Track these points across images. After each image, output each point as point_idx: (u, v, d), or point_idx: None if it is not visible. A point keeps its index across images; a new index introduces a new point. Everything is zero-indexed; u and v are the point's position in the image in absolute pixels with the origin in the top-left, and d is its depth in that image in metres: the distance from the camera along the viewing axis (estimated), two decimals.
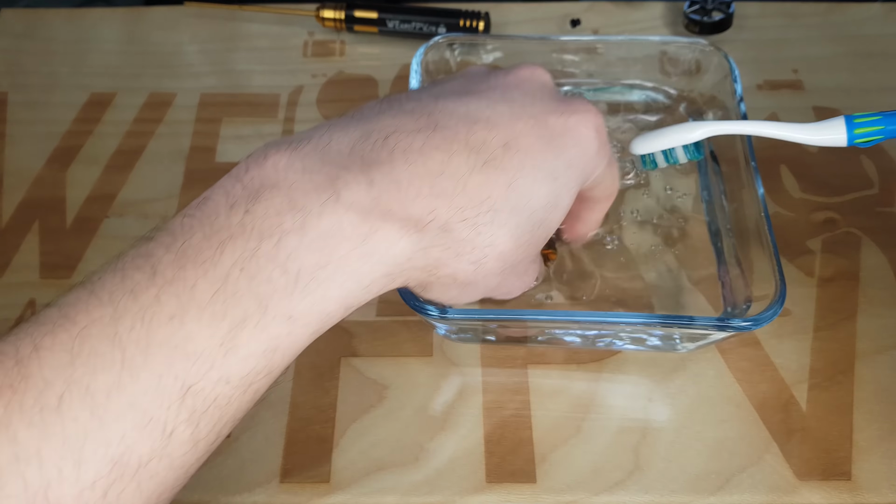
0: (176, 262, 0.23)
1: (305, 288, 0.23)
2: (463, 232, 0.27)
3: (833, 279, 0.41)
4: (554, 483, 0.34)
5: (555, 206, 0.29)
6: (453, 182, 0.26)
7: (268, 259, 0.23)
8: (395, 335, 0.39)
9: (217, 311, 0.22)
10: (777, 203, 0.44)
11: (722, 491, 0.34)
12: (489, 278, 0.29)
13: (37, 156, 0.48)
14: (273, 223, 0.23)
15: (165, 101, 0.51)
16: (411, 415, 0.37)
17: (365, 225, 0.24)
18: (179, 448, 0.23)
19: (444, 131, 0.27)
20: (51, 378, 0.21)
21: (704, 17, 0.52)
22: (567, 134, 0.29)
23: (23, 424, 0.21)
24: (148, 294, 0.22)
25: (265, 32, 0.55)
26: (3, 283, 0.42)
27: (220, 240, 0.23)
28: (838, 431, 0.36)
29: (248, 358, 0.23)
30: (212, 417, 0.23)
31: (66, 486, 0.21)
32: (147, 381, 0.22)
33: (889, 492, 0.34)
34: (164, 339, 0.22)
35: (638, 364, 0.38)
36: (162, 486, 0.23)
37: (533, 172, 0.28)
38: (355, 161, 0.25)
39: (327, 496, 0.34)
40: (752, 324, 0.33)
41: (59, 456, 0.21)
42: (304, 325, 0.24)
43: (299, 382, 0.38)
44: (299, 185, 0.24)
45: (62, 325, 0.22)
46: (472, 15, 0.52)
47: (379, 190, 0.25)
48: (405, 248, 0.25)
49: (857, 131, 0.32)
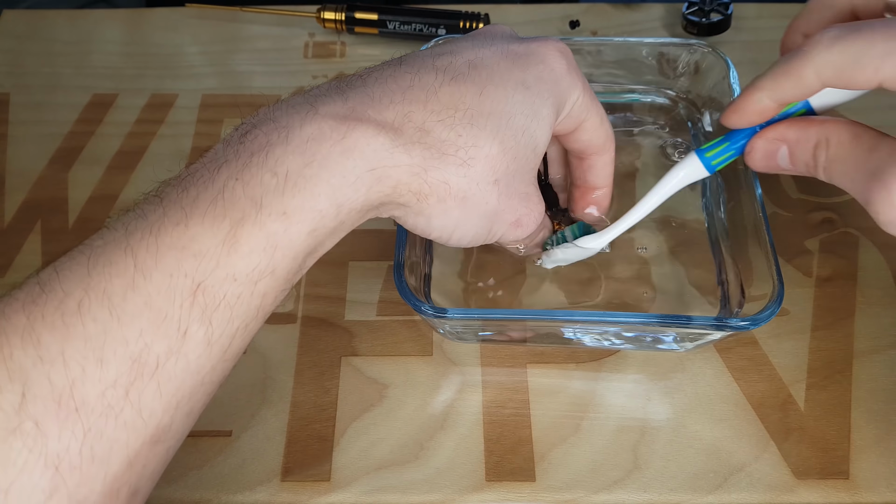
0: (179, 187, 0.25)
1: (294, 186, 0.25)
2: (442, 133, 0.28)
3: (831, 279, 0.41)
4: (553, 482, 0.35)
5: (534, 115, 0.30)
6: (424, 92, 0.29)
7: (258, 167, 0.25)
8: (395, 335, 0.39)
9: (217, 214, 0.24)
10: (775, 203, 0.44)
11: (720, 490, 0.34)
12: (485, 189, 0.29)
13: (39, 156, 0.48)
14: (262, 142, 0.26)
15: (167, 101, 0.51)
16: (411, 414, 0.37)
17: (343, 126, 0.26)
18: (194, 348, 0.24)
19: (411, 61, 0.30)
20: (69, 288, 0.23)
21: (703, 19, 0.52)
22: (531, 55, 0.31)
23: (45, 329, 0.22)
24: (155, 213, 0.24)
25: (266, 34, 0.56)
26: (5, 284, 0.42)
27: (217, 165, 0.26)
28: (836, 431, 0.36)
29: (251, 254, 0.24)
30: (223, 317, 0.24)
31: (90, 385, 0.22)
32: (159, 280, 0.23)
33: (887, 491, 0.34)
34: (172, 243, 0.24)
35: (637, 363, 0.38)
36: (181, 392, 0.24)
37: (503, 82, 0.30)
38: (331, 91, 0.28)
39: (328, 495, 0.34)
40: (750, 323, 0.33)
41: (81, 356, 0.22)
42: (299, 221, 0.25)
43: (300, 381, 0.38)
44: (283, 114, 0.27)
45: (79, 250, 0.24)
46: (471, 16, 0.52)
47: (354, 102, 0.28)
48: (384, 143, 0.27)
49: (709, 157, 0.34)
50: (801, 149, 0.31)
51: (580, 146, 0.35)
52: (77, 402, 0.22)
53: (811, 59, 0.28)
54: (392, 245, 0.42)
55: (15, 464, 0.21)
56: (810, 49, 0.28)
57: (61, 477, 0.21)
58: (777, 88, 0.30)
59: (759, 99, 0.31)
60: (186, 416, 0.25)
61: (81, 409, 0.22)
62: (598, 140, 0.35)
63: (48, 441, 0.21)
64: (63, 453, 0.21)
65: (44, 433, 0.21)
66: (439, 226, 0.30)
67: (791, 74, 0.29)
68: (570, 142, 0.35)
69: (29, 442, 0.21)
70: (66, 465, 0.21)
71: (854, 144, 0.29)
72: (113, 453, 0.22)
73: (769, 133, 0.32)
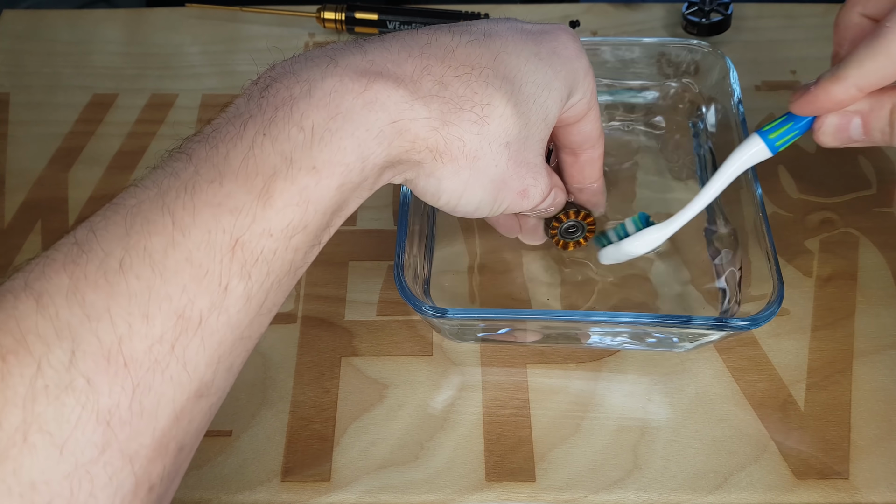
0: (207, 144, 0.25)
1: (321, 140, 0.26)
2: (459, 88, 0.29)
3: (831, 279, 0.41)
4: (553, 482, 0.35)
5: (546, 86, 0.31)
6: (441, 49, 0.29)
7: (284, 121, 0.26)
8: (395, 335, 0.39)
9: (249, 170, 0.25)
10: (775, 203, 0.44)
11: (720, 490, 0.34)
12: (496, 151, 0.30)
13: (39, 156, 0.48)
14: (284, 96, 0.26)
15: (167, 101, 0.51)
16: (411, 414, 0.37)
17: (363, 78, 0.27)
18: (235, 303, 0.24)
19: (427, 27, 0.31)
20: (109, 248, 0.23)
21: (703, 19, 0.52)
22: (545, 34, 0.32)
23: (90, 288, 0.22)
24: (187, 171, 0.25)
25: (266, 34, 0.56)
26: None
27: (243, 121, 0.26)
28: (836, 431, 0.36)
29: (284, 209, 0.25)
30: (261, 271, 0.25)
31: (137, 340, 0.22)
32: (198, 236, 0.24)
33: (887, 491, 0.34)
34: (208, 200, 0.24)
35: (637, 363, 0.38)
36: (223, 346, 0.24)
37: (516, 51, 0.30)
38: (350, 46, 0.29)
39: (328, 494, 0.34)
40: (751, 323, 0.33)
41: (127, 312, 0.22)
42: (328, 175, 0.26)
43: (300, 381, 0.38)
44: (303, 68, 0.27)
45: (113, 209, 0.24)
46: (471, 17, 0.52)
47: (373, 55, 0.28)
48: (404, 95, 0.27)
49: (773, 139, 0.34)
50: (875, 116, 0.31)
51: (580, 138, 0.35)
52: (125, 358, 0.22)
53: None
54: (392, 245, 0.42)
55: (69, 420, 0.21)
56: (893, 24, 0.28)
57: (112, 432, 0.22)
58: (864, 74, 0.30)
59: (843, 89, 0.31)
60: (227, 371, 0.25)
61: (130, 364, 0.22)
62: (595, 133, 0.35)
63: (99, 397, 0.22)
64: (114, 408, 0.22)
65: (95, 389, 0.21)
66: (449, 188, 0.30)
67: (878, 55, 0.29)
68: (574, 133, 0.35)
69: (81, 398, 0.21)
70: (116, 419, 0.22)
71: None
72: (160, 408, 0.23)
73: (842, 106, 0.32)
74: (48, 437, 0.21)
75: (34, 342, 0.21)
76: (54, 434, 0.21)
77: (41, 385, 0.21)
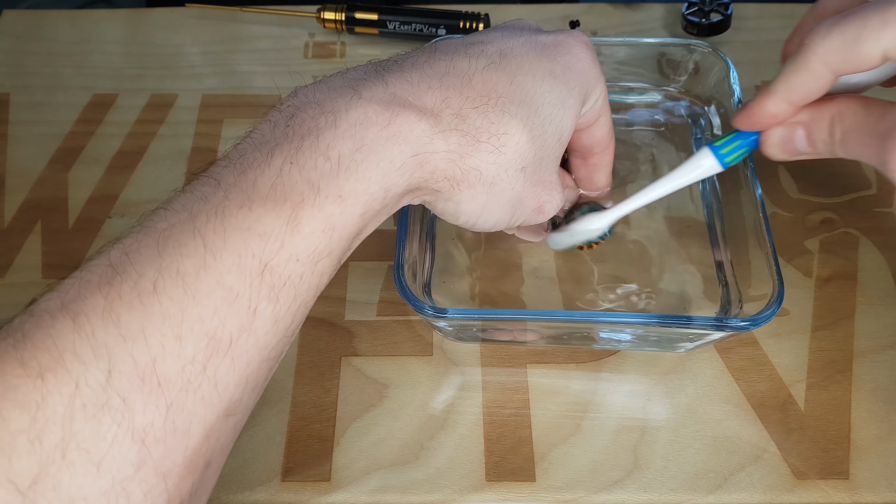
0: (235, 171, 0.26)
1: (347, 169, 0.26)
2: (477, 120, 0.29)
3: (831, 279, 0.41)
4: (553, 482, 0.35)
5: (561, 104, 0.31)
6: (459, 79, 0.30)
7: (311, 151, 0.26)
8: (395, 335, 0.39)
9: (278, 197, 0.25)
10: (775, 203, 0.44)
11: (720, 490, 0.34)
12: (512, 176, 0.30)
13: (39, 156, 0.48)
14: (310, 126, 0.27)
15: (167, 102, 0.51)
16: (411, 414, 0.37)
17: (387, 111, 0.28)
18: (263, 325, 0.25)
19: (444, 48, 0.31)
20: (143, 270, 0.24)
21: (703, 19, 0.52)
22: (558, 46, 0.32)
23: (124, 309, 0.23)
24: (216, 196, 0.25)
25: (266, 34, 0.56)
26: (6, 284, 0.42)
27: (269, 148, 0.26)
28: (836, 431, 0.36)
29: (311, 235, 0.25)
30: (288, 295, 0.25)
31: (171, 361, 0.23)
32: (229, 260, 0.24)
33: (887, 491, 0.34)
34: (237, 224, 0.25)
35: (637, 363, 0.38)
36: (251, 367, 0.25)
37: (532, 71, 0.31)
38: (370, 75, 0.29)
39: (328, 494, 0.34)
40: (751, 324, 0.33)
41: (160, 333, 0.23)
42: (353, 203, 0.26)
43: (300, 382, 0.38)
44: (327, 98, 0.28)
45: (145, 233, 0.25)
46: (471, 17, 0.52)
47: (394, 87, 0.29)
48: (426, 129, 0.28)
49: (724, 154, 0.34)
50: (817, 127, 0.32)
51: (592, 142, 0.36)
52: (159, 378, 0.22)
53: (814, 50, 0.29)
54: (392, 245, 0.42)
55: (105, 438, 0.21)
56: (810, 41, 0.30)
57: (147, 450, 0.22)
58: (790, 88, 0.31)
59: (774, 104, 0.32)
60: (253, 391, 0.26)
61: (164, 384, 0.23)
62: (606, 138, 0.36)
63: (134, 416, 0.22)
64: (148, 427, 0.22)
65: (130, 408, 0.22)
66: (467, 211, 0.31)
67: (800, 70, 0.30)
68: (585, 137, 0.35)
69: (117, 417, 0.22)
70: (151, 438, 0.22)
71: (866, 113, 0.30)
72: (192, 426, 0.23)
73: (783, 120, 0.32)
74: (86, 455, 0.21)
75: (72, 361, 0.22)
76: (91, 452, 0.21)
77: (79, 404, 0.21)
